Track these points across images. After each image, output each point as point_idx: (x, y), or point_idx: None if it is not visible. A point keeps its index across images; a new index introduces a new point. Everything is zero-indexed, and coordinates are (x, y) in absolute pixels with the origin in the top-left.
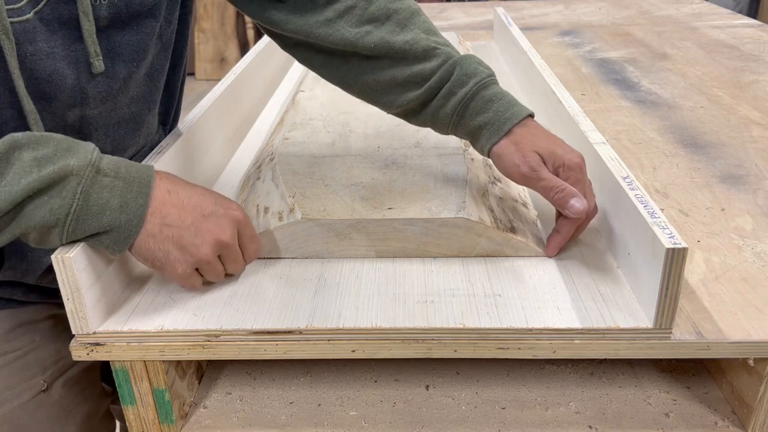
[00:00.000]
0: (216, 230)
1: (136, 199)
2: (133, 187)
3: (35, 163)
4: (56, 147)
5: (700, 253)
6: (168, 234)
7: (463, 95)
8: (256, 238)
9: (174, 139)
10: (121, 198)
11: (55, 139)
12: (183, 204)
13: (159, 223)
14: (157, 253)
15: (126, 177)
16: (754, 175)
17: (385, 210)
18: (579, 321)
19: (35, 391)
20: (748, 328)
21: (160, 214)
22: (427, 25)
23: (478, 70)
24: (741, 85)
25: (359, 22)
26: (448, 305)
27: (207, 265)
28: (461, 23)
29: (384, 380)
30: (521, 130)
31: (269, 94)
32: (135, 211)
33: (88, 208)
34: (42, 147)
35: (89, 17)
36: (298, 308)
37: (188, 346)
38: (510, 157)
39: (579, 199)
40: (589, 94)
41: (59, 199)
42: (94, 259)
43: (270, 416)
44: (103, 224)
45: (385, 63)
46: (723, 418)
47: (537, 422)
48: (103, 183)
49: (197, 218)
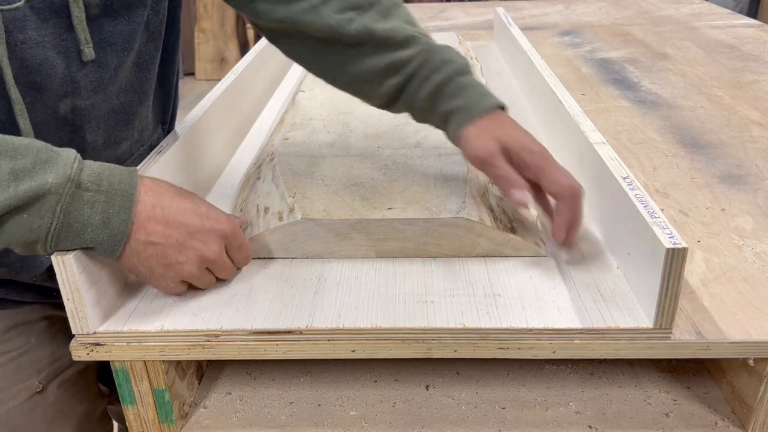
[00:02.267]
0: (201, 248)
1: (118, 214)
2: (115, 201)
3: (12, 177)
4: (35, 158)
5: (700, 253)
6: (152, 252)
7: (438, 80)
8: (245, 247)
9: (174, 139)
10: (103, 214)
11: (33, 148)
12: (168, 220)
13: (143, 240)
14: (141, 268)
15: (108, 190)
16: (754, 175)
17: (385, 210)
18: (579, 321)
19: (30, 393)
20: (748, 328)
21: (144, 231)
22: (408, 17)
23: (455, 58)
24: (741, 85)
25: (342, 9)
26: (448, 305)
27: (192, 279)
28: (461, 23)
29: (384, 380)
30: (490, 118)
31: (269, 94)
32: (118, 227)
33: (69, 226)
34: (20, 157)
35: (79, 4)
36: (298, 308)
37: (188, 346)
38: (473, 142)
39: (519, 190)
40: (589, 94)
41: (38, 218)
42: (94, 259)
43: (270, 416)
44: (85, 241)
45: (366, 50)
46: (723, 418)
47: (537, 422)
48: (84, 198)
49: (183, 235)
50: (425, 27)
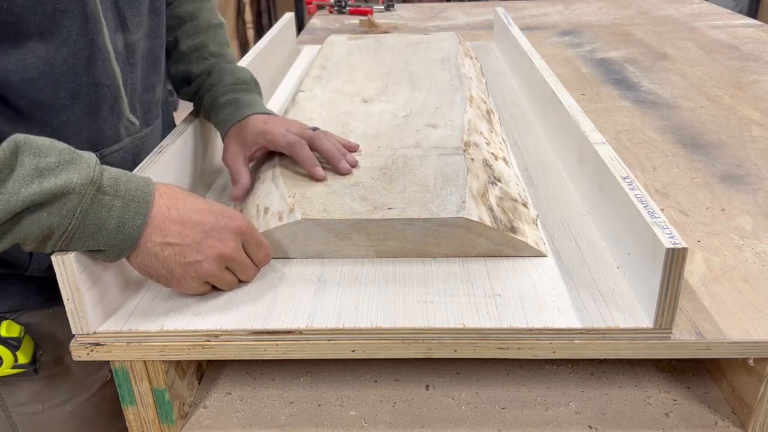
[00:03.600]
0: (218, 245)
1: (133, 220)
2: (131, 206)
3: (36, 173)
4: (59, 157)
5: (700, 253)
6: (170, 252)
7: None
8: (263, 245)
9: (174, 139)
10: (119, 219)
11: (56, 148)
12: (184, 221)
13: (160, 242)
14: (160, 270)
15: (125, 196)
16: (754, 175)
17: (385, 210)
18: (579, 321)
19: (102, 383)
20: (748, 328)
21: (161, 232)
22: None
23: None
24: (741, 85)
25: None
26: (448, 305)
27: (213, 278)
28: (461, 23)
29: (384, 380)
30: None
31: (269, 94)
32: (131, 233)
33: (85, 227)
34: (44, 155)
35: None
36: (298, 308)
37: (188, 346)
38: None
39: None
40: (589, 94)
41: (58, 217)
42: (95, 259)
43: (270, 416)
44: (98, 243)
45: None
46: (723, 418)
47: (537, 422)
48: (102, 202)
49: (199, 234)
50: (425, 27)
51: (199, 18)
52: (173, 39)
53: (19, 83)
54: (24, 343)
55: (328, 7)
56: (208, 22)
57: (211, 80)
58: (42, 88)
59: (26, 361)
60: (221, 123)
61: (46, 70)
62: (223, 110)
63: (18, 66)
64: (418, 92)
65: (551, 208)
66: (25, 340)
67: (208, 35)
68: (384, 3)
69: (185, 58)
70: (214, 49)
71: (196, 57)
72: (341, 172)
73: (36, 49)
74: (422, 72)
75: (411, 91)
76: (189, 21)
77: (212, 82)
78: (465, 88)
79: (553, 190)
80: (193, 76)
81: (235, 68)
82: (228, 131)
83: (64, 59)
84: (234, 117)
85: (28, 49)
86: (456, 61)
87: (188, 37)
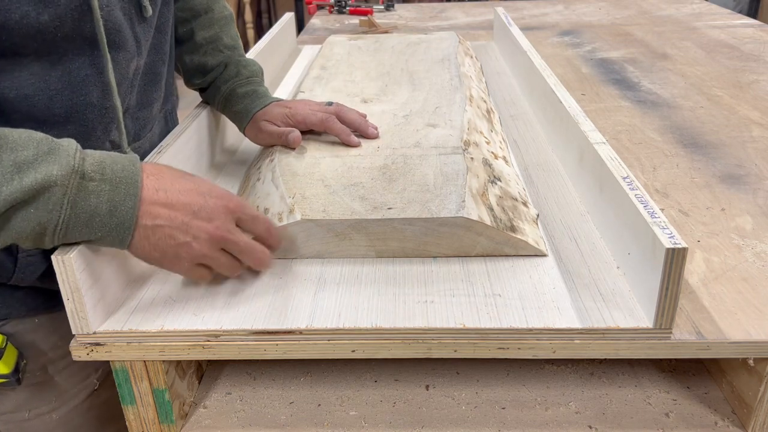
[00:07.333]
0: (206, 225)
1: (124, 201)
2: (120, 188)
3: (15, 169)
4: (36, 149)
5: (700, 253)
6: (160, 234)
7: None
8: (259, 218)
9: (174, 139)
10: (110, 203)
11: (33, 139)
12: (171, 202)
13: (150, 225)
14: (154, 253)
15: (112, 179)
16: (754, 175)
17: (385, 210)
18: (579, 321)
19: (89, 391)
20: (748, 328)
21: (150, 215)
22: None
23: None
24: (741, 85)
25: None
26: (448, 305)
27: (208, 259)
28: (461, 23)
29: (384, 380)
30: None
31: None
32: (125, 214)
33: (77, 217)
34: (21, 149)
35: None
36: (298, 308)
37: (188, 346)
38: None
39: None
40: (589, 94)
41: (45, 212)
42: (94, 259)
43: (270, 416)
44: (94, 231)
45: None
46: (723, 418)
47: (537, 422)
48: (89, 189)
49: (187, 215)
50: (425, 27)
51: (213, 10)
52: (189, 30)
53: (14, 99)
54: (6, 353)
55: (328, 7)
56: (221, 13)
57: (229, 72)
58: (37, 104)
59: (8, 371)
60: (243, 112)
61: (41, 86)
62: (243, 100)
63: (14, 82)
64: (418, 92)
65: (551, 208)
66: (8, 350)
67: (222, 27)
68: (384, 3)
69: (200, 49)
70: (228, 41)
71: (211, 49)
72: (370, 137)
73: (32, 67)
74: (422, 72)
75: (411, 90)
76: (204, 13)
77: (230, 74)
78: (465, 87)
79: (553, 190)
80: (209, 68)
81: (248, 61)
82: (252, 117)
83: (59, 77)
84: (256, 105)
85: (24, 67)
86: (456, 60)
87: (203, 28)
